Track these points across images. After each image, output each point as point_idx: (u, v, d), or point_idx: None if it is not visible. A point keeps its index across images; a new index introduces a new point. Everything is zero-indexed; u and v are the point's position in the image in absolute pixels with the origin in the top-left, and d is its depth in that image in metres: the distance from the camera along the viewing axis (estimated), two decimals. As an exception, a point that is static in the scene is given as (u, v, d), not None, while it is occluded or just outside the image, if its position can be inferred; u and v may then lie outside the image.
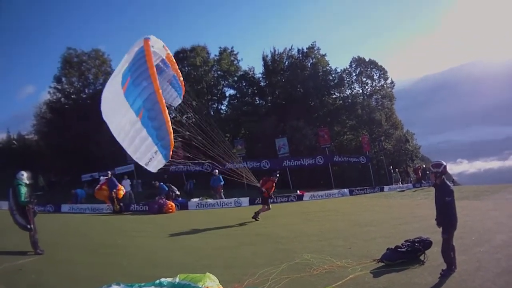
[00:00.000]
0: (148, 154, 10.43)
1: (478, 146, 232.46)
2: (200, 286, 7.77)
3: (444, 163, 9.88)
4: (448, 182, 9.84)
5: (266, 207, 21.35)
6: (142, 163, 10.59)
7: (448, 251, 9.52)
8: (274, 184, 21.89)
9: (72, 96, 62.07)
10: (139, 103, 9.72)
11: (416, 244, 11.21)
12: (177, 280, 8.09)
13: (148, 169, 10.52)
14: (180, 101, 15.15)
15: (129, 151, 10.67)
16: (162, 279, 8.21)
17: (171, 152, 10.16)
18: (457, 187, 37.55)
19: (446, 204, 9.48)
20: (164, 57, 12.75)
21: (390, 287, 9.06)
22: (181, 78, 14.48)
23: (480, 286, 8.69)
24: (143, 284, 8.23)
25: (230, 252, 13.64)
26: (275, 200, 30.71)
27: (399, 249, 11.16)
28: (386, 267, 10.53)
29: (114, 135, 10.41)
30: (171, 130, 10.04)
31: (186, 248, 14.59)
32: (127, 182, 33.56)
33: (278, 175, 22.19)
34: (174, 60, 13.70)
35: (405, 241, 11.61)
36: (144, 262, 12.42)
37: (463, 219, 15.82)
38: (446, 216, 9.52)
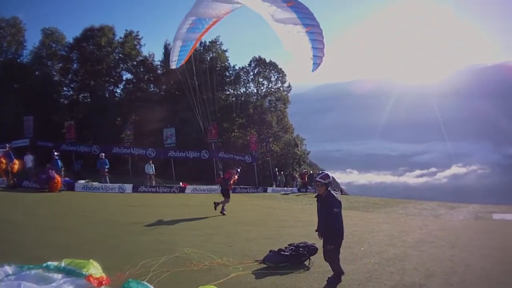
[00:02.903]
0: (301, 57, 10.89)
1: (371, 159, 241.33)
2: (84, 272, 7.58)
3: (330, 174, 9.40)
4: (333, 193, 9.31)
5: (227, 199, 20.93)
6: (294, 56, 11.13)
7: (336, 260, 9.00)
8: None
9: (-15, 62, 59.22)
10: (307, 22, 10.30)
11: (301, 249, 10.84)
12: (62, 264, 7.84)
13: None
14: (173, 67, 15.26)
15: (285, 43, 11.06)
16: (49, 263, 7.84)
17: (317, 69, 10.64)
18: (346, 197, 38.30)
19: (334, 215, 8.92)
20: (209, 22, 13.07)
21: (274, 289, 8.57)
22: (193, 50, 14.87)
23: (372, 297, 8.16)
24: (32, 266, 7.82)
25: (112, 239, 13.33)
26: (157, 189, 32.03)
27: (282, 252, 10.77)
28: (269, 269, 10.09)
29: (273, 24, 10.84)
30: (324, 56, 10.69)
31: (70, 231, 14.24)
32: (29, 157, 32.43)
33: (239, 170, 23.22)
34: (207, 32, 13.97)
35: (289, 245, 11.32)
36: (32, 242, 11.94)
37: (351, 228, 15.73)
38: (334, 227, 8.96)
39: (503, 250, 12.53)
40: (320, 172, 9.75)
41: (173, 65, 14.48)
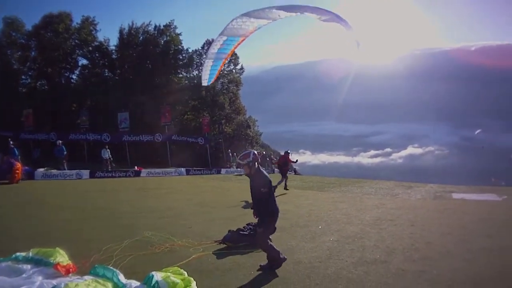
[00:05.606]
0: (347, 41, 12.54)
1: (324, 140, 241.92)
2: (51, 261, 7.49)
3: (253, 151, 8.78)
4: (264, 171, 8.75)
5: (283, 177, 24.41)
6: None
7: (268, 246, 8.50)
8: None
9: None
10: (342, 19, 11.54)
11: (259, 228, 10.70)
12: (30, 254, 7.80)
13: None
14: (204, 84, 15.49)
15: (334, 32, 12.72)
16: (18, 254, 7.84)
17: (359, 46, 11.82)
18: (300, 177, 38.76)
19: (262, 195, 8.36)
20: (238, 40, 13.50)
21: (236, 268, 8.60)
22: (221, 68, 15.58)
23: (335, 274, 8.15)
24: (1, 259, 7.85)
25: (73, 225, 13.20)
26: (114, 174, 33.03)
27: (241, 232, 10.81)
28: (229, 249, 10.13)
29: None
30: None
31: (33, 220, 14.04)
32: None
33: (289, 152, 25.70)
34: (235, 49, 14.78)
35: (247, 224, 11.37)
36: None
37: (307, 208, 16.10)
38: (263, 209, 8.46)
39: (464, 228, 12.56)
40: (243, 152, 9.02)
41: (205, 83, 15.21)
